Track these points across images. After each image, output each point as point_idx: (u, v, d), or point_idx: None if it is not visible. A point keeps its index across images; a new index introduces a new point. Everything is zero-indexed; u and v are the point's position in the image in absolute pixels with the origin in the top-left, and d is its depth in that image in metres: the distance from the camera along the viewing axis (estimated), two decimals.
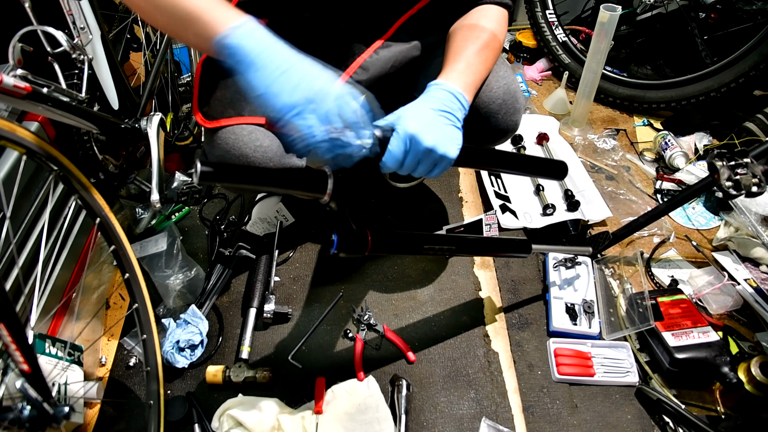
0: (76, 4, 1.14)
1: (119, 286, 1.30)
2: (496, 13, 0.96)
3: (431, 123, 0.78)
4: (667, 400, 1.04)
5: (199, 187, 1.54)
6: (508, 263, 1.35)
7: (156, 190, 1.26)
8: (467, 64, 0.87)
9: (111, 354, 1.18)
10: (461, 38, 0.92)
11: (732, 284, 1.25)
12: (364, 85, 1.04)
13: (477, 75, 0.88)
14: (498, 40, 0.93)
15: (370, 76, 1.03)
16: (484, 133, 0.95)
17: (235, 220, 1.42)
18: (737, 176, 1.05)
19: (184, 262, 1.32)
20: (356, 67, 1.03)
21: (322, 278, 1.32)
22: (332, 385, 1.09)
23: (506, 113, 1.04)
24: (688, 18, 1.76)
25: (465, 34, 0.92)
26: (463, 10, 0.97)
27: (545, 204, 1.44)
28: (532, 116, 1.81)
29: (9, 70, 0.93)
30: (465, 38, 0.91)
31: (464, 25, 0.94)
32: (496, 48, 0.93)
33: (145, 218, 1.45)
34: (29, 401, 0.65)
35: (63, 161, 0.85)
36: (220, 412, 1.04)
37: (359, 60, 1.03)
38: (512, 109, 1.05)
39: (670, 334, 1.11)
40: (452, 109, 0.81)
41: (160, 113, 1.33)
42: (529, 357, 1.16)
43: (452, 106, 0.82)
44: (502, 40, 0.96)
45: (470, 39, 0.91)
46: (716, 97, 1.64)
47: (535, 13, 2.04)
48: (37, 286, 0.86)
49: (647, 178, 1.62)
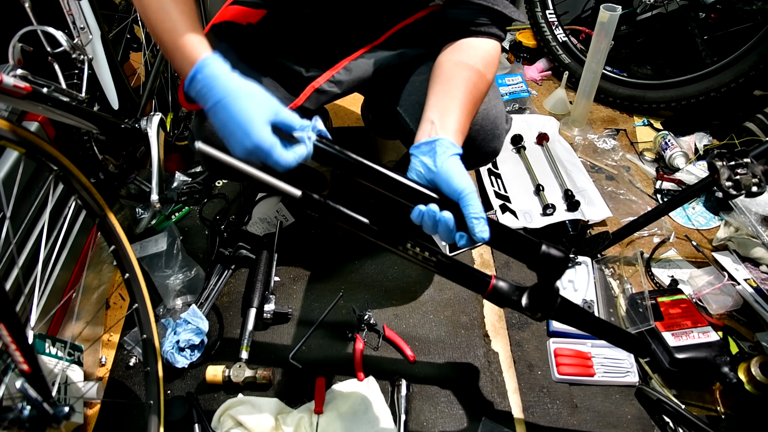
0: (76, 4, 1.14)
1: (119, 286, 1.30)
2: (488, 49, 0.91)
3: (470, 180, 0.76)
4: (667, 400, 1.04)
5: (199, 187, 1.54)
6: (508, 263, 1.35)
7: (156, 190, 1.26)
8: (457, 115, 0.83)
9: (111, 354, 1.18)
10: (448, 78, 0.87)
11: (732, 284, 1.25)
12: (345, 85, 1.06)
13: (463, 120, 0.84)
14: (486, 80, 0.90)
15: (352, 78, 1.05)
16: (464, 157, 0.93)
17: (235, 220, 1.42)
18: (737, 176, 1.05)
19: (184, 262, 1.32)
20: (340, 68, 1.04)
21: (322, 278, 1.32)
22: (332, 385, 1.09)
23: (483, 139, 1.02)
24: (688, 18, 1.76)
25: (455, 73, 0.87)
26: (453, 37, 0.93)
27: (545, 204, 1.44)
28: (532, 116, 1.81)
29: (9, 70, 0.93)
30: (455, 78, 0.87)
31: (453, 60, 0.90)
32: (483, 90, 0.89)
33: (145, 218, 1.45)
34: (29, 401, 0.65)
35: (63, 161, 0.85)
36: (220, 412, 1.04)
37: (344, 62, 1.05)
38: (490, 135, 1.02)
39: (670, 334, 1.11)
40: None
41: (160, 113, 1.33)
42: (529, 357, 1.16)
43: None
44: (491, 78, 0.92)
45: (456, 79, 0.86)
46: (716, 97, 1.64)
47: (535, 13, 2.04)
48: (37, 286, 0.86)
49: (647, 178, 1.62)
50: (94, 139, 1.25)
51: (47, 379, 0.68)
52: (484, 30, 0.91)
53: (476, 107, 0.89)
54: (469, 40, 0.92)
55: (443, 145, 0.77)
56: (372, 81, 1.10)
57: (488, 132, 1.02)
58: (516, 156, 1.66)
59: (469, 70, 0.87)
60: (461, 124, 0.83)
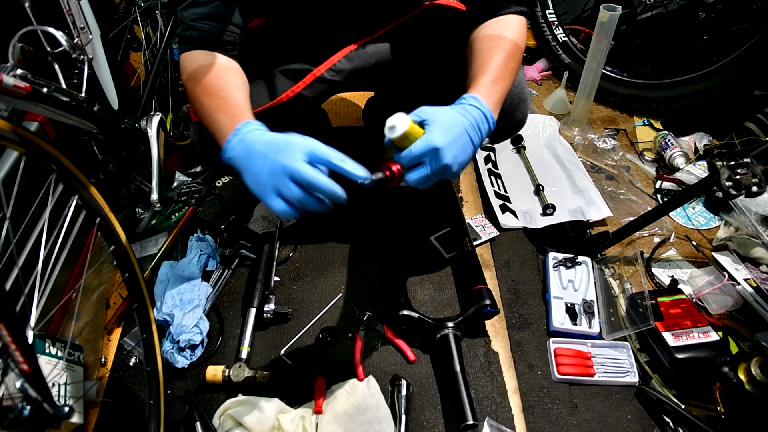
0: (76, 4, 1.14)
1: (119, 286, 1.30)
2: (516, 22, 0.98)
3: (457, 139, 0.79)
4: (667, 400, 1.04)
5: (198, 188, 1.54)
6: (508, 263, 1.35)
7: (156, 190, 1.26)
8: (495, 77, 0.89)
9: (111, 354, 1.18)
10: (487, 49, 0.94)
11: (732, 284, 1.25)
12: (346, 74, 1.10)
13: (504, 90, 0.91)
14: (520, 49, 0.96)
15: (353, 66, 1.10)
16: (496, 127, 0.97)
17: (235, 220, 1.42)
18: (737, 176, 1.05)
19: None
20: (341, 56, 1.08)
21: (322, 278, 1.32)
22: (332, 385, 1.09)
23: (511, 104, 1.09)
24: (688, 18, 1.76)
25: (490, 44, 0.94)
26: (480, 20, 1.00)
27: (545, 204, 1.44)
28: (532, 116, 1.81)
29: (9, 70, 0.93)
30: (491, 49, 0.93)
31: (488, 35, 0.96)
32: (519, 58, 0.96)
33: (145, 218, 1.45)
34: (29, 401, 0.65)
35: (63, 161, 0.85)
36: (220, 412, 1.04)
37: (345, 50, 1.08)
38: (517, 99, 1.09)
39: (670, 334, 1.11)
40: (481, 130, 0.83)
41: (160, 113, 1.33)
42: (529, 357, 1.16)
43: (482, 127, 0.83)
44: (524, 47, 0.99)
45: (496, 50, 0.93)
46: (716, 97, 1.64)
47: (535, 13, 2.04)
48: (37, 286, 0.86)
49: (647, 178, 1.62)
50: (94, 139, 1.25)
51: (47, 379, 0.68)
52: (506, 11, 0.98)
53: (513, 72, 0.94)
54: (497, 18, 0.99)
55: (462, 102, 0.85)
56: (374, 71, 1.13)
57: (515, 97, 1.09)
58: (516, 156, 1.66)
59: (504, 40, 0.94)
60: (497, 89, 0.89)
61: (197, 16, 0.91)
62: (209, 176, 1.58)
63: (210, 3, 0.91)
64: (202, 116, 0.91)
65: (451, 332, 1.11)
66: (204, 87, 0.90)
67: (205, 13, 0.91)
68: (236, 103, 0.87)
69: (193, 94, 0.92)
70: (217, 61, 0.93)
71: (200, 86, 0.90)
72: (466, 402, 1.01)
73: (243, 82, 0.94)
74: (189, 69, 0.92)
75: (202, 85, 0.90)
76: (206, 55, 0.93)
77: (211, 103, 0.88)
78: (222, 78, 0.91)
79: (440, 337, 1.12)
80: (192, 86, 0.92)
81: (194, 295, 1.20)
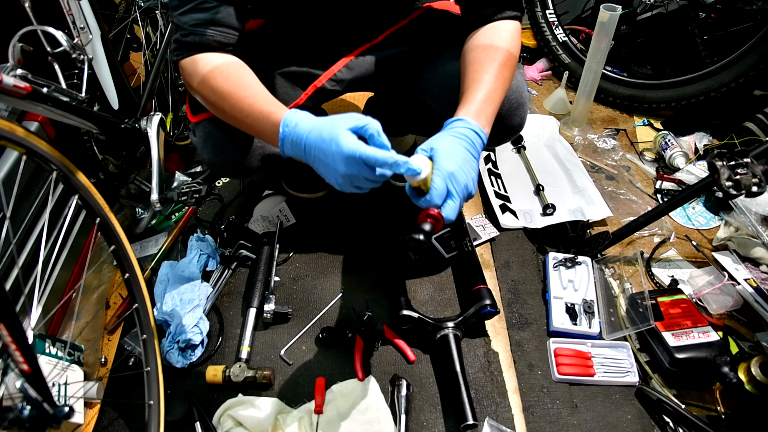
0: (76, 4, 1.14)
1: (119, 286, 1.30)
2: (510, 28, 0.97)
3: (463, 159, 0.80)
4: (667, 400, 1.04)
5: (198, 188, 1.54)
6: (508, 263, 1.35)
7: (156, 190, 1.26)
8: (486, 93, 0.88)
9: (111, 354, 1.18)
10: (478, 60, 0.92)
11: (732, 284, 1.25)
12: (347, 83, 1.11)
13: (497, 102, 0.90)
14: (513, 57, 0.95)
15: (354, 76, 1.10)
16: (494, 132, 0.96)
17: (235, 220, 1.42)
18: (737, 176, 1.05)
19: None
20: (341, 66, 1.08)
21: (322, 278, 1.32)
22: (332, 385, 1.09)
23: (509, 109, 1.07)
24: (688, 18, 1.76)
25: (481, 55, 0.93)
26: (474, 26, 0.98)
27: (545, 204, 1.44)
28: (532, 116, 1.81)
29: (9, 70, 0.93)
30: (482, 60, 0.92)
31: (480, 45, 0.95)
32: (513, 65, 0.95)
33: (145, 218, 1.45)
34: (29, 401, 0.65)
35: (63, 161, 0.85)
36: (220, 412, 1.04)
37: (345, 60, 1.09)
38: (516, 104, 1.07)
39: (670, 334, 1.11)
40: (477, 145, 0.84)
41: (160, 113, 1.33)
42: (529, 357, 1.16)
43: (476, 143, 0.84)
44: (518, 54, 0.97)
45: (487, 61, 0.92)
46: (716, 97, 1.64)
47: (535, 13, 2.04)
48: (37, 286, 0.86)
49: (647, 178, 1.62)
50: (94, 139, 1.25)
51: (47, 379, 0.68)
52: (499, 16, 0.97)
53: (506, 82, 0.94)
54: (489, 25, 0.97)
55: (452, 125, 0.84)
56: (375, 78, 1.13)
57: (513, 101, 1.07)
58: (516, 156, 1.66)
59: (495, 50, 0.93)
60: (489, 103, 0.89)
61: (198, 22, 0.90)
62: (209, 176, 1.58)
63: (211, 9, 0.90)
64: (233, 116, 0.89)
65: (451, 332, 1.11)
66: (229, 86, 0.89)
67: (207, 18, 0.90)
68: (269, 99, 0.87)
69: (215, 95, 0.90)
70: (232, 60, 0.92)
71: (223, 86, 0.89)
72: (466, 402, 1.01)
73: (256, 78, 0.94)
74: (203, 71, 0.90)
75: (226, 84, 0.89)
76: (216, 56, 0.92)
77: (243, 103, 0.87)
78: (243, 75, 0.91)
79: (440, 337, 1.12)
80: (211, 87, 0.90)
81: (194, 295, 1.20)
